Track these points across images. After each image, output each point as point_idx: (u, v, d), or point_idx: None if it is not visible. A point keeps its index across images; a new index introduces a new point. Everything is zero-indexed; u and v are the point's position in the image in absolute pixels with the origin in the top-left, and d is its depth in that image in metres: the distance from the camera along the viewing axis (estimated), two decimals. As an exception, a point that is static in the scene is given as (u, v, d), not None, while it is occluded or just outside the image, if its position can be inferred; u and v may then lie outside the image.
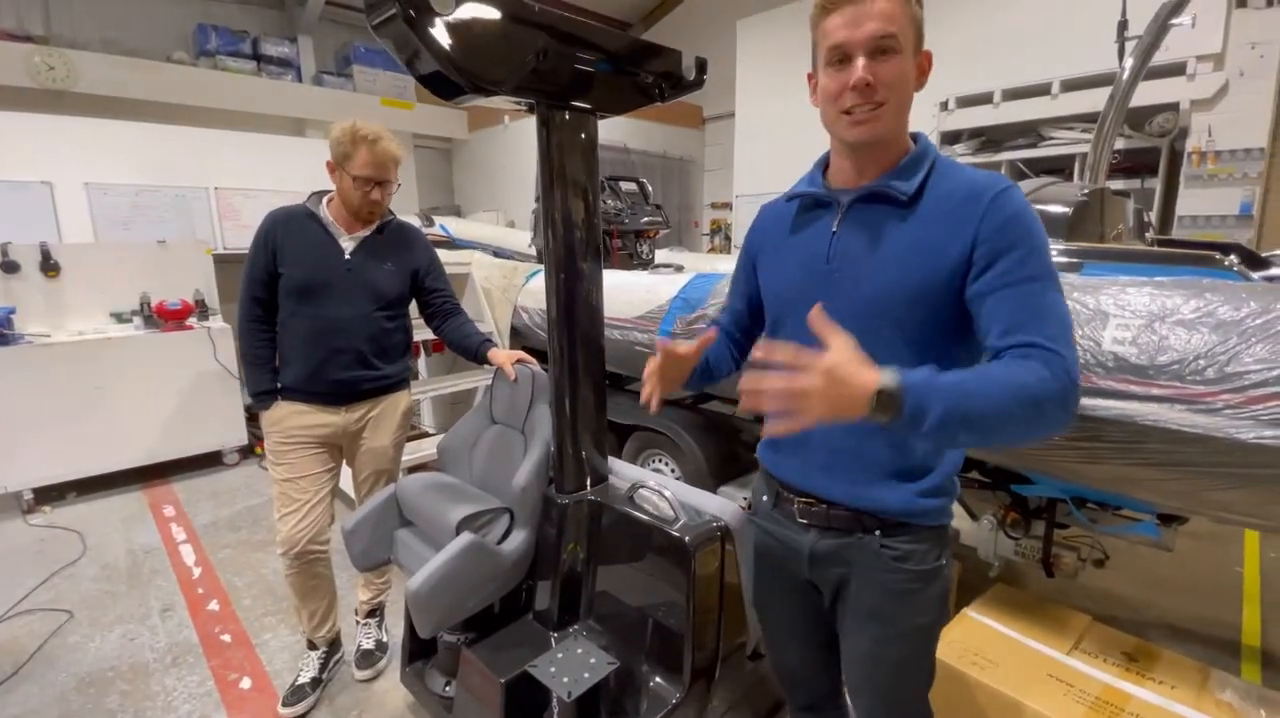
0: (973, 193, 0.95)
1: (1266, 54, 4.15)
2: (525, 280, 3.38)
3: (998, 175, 0.98)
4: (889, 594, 1.06)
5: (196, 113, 6.25)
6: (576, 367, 1.69)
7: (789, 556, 1.17)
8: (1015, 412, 0.81)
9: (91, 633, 2.39)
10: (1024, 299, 0.90)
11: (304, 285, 1.87)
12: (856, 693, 1.18)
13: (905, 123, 1.02)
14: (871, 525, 1.05)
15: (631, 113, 1.74)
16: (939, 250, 0.95)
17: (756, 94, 6.84)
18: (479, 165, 8.77)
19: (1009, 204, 0.93)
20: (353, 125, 1.82)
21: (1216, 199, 4.56)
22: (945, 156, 1.04)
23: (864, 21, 0.93)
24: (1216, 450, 1.31)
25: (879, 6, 0.93)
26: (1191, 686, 1.63)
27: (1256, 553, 2.94)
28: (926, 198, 0.99)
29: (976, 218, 0.93)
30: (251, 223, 6.72)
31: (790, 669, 1.33)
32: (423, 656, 1.94)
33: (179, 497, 3.67)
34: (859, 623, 1.11)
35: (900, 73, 0.95)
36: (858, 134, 0.99)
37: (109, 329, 3.80)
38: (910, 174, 1.00)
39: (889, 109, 0.96)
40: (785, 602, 1.24)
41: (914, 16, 0.96)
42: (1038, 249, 0.92)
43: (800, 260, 1.10)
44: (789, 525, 1.16)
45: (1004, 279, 0.91)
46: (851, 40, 0.93)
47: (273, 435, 1.94)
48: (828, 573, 1.12)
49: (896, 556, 1.05)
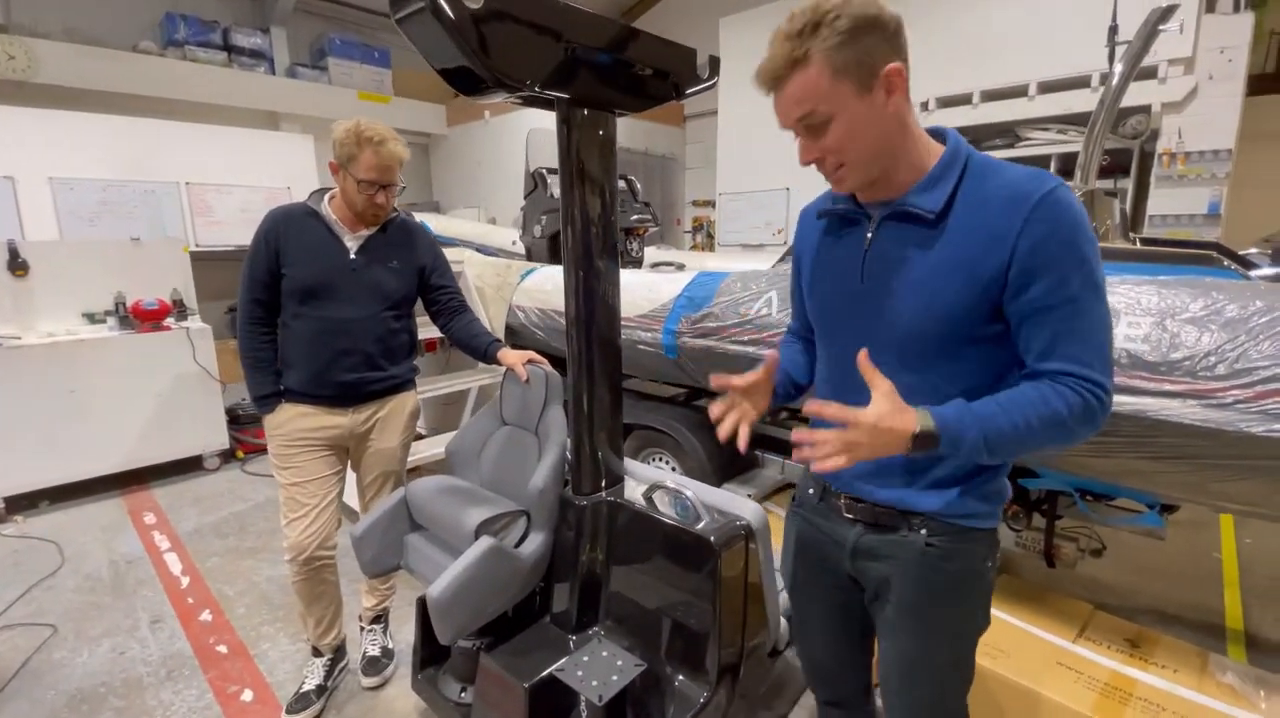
0: (1010, 201, 0.91)
1: (1234, 58, 4.31)
2: (520, 279, 3.34)
3: (1040, 176, 0.92)
4: (932, 593, 1.06)
5: (165, 105, 6.04)
6: (594, 367, 1.67)
7: (832, 548, 1.17)
8: (1045, 435, 0.90)
9: (78, 647, 2.30)
10: (1060, 323, 0.90)
11: (308, 286, 1.82)
12: (893, 693, 1.15)
13: (896, 150, 0.97)
14: (917, 524, 1.05)
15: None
16: (970, 271, 0.93)
17: (739, 92, 6.86)
18: (459, 161, 8.64)
19: (1048, 215, 0.88)
20: (357, 126, 1.75)
21: (1186, 199, 4.72)
22: (983, 156, 0.99)
23: (786, 108, 0.95)
24: (1226, 443, 1.35)
25: (789, 91, 0.92)
26: (1193, 669, 1.69)
27: (1233, 539, 3.06)
28: (957, 210, 0.95)
29: (1013, 234, 0.89)
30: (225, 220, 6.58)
31: (820, 662, 1.33)
32: (434, 662, 1.91)
33: (159, 503, 3.54)
34: (900, 622, 1.10)
35: (844, 135, 0.93)
36: (842, 190, 1.03)
37: (81, 330, 3.65)
38: (935, 187, 0.96)
39: (850, 168, 0.97)
40: (823, 594, 1.24)
41: (839, 68, 0.89)
42: (1078, 264, 0.89)
43: (836, 277, 1.10)
44: (834, 518, 1.16)
45: (1040, 303, 0.90)
46: (786, 125, 0.97)
47: (277, 439, 1.88)
48: (870, 568, 1.12)
49: (941, 554, 1.04)
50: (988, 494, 1.04)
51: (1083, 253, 0.89)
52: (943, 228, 0.96)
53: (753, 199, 6.79)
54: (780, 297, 2.20)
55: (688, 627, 1.56)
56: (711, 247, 7.99)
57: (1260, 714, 1.50)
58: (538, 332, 3.13)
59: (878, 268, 1.02)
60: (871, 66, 0.89)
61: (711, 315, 2.36)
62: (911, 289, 0.98)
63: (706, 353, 2.37)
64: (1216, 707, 1.53)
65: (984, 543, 1.07)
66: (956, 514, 1.03)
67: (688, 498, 1.64)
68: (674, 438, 2.80)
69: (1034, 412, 0.89)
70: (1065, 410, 0.88)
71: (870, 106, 0.91)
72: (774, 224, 6.63)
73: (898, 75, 0.91)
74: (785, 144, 1.05)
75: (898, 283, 0.99)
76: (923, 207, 0.96)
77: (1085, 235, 0.90)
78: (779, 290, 2.22)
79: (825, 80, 0.89)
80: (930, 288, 0.96)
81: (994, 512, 1.06)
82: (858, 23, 0.87)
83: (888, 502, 1.07)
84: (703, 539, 1.51)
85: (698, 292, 2.48)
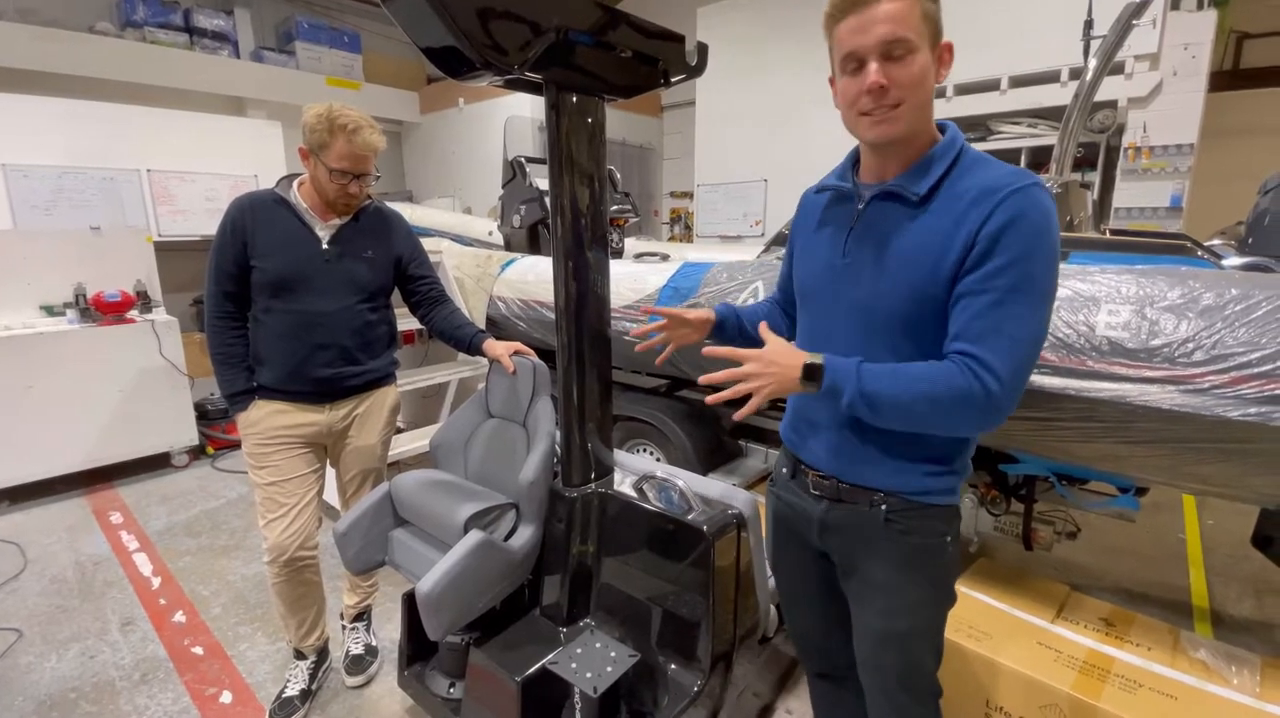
0: (983, 194, 0.95)
1: (1198, 54, 4.43)
2: (500, 270, 3.29)
3: (1018, 175, 0.96)
4: (894, 566, 1.11)
5: (124, 89, 5.81)
6: (584, 358, 1.65)
7: (803, 524, 1.23)
8: (921, 410, 0.96)
9: (46, 652, 2.21)
10: (984, 309, 0.93)
11: (280, 279, 1.75)
12: (866, 665, 1.20)
13: (928, 118, 1.02)
14: (878, 500, 1.10)
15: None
16: (941, 252, 0.97)
17: (718, 82, 6.83)
18: (432, 150, 8.48)
19: (1013, 207, 0.92)
20: (329, 111, 1.67)
21: (1149, 192, 4.86)
22: (975, 152, 1.02)
23: (872, 27, 0.93)
24: (1203, 427, 1.39)
25: (885, 9, 0.92)
26: (1165, 647, 1.75)
27: (1196, 521, 3.18)
28: (940, 196, 0.99)
29: (979, 219, 0.93)
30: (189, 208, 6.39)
31: (807, 636, 1.39)
32: (421, 658, 1.88)
33: (126, 502, 3.43)
34: (868, 596, 1.15)
35: (916, 72, 0.95)
36: (876, 134, 1.01)
37: (39, 323, 3.50)
38: (925, 172, 1.00)
39: (906, 109, 0.97)
40: (803, 569, 1.30)
41: (927, 13, 0.95)
42: (1025, 258, 0.91)
43: (821, 251, 1.14)
44: (803, 496, 1.21)
45: (975, 285, 0.94)
46: (863, 46, 0.95)
47: (252, 438, 1.82)
48: (836, 542, 1.18)
49: (902, 529, 1.09)
50: (945, 473, 1.09)
51: (1032, 248, 0.91)
52: (923, 211, 1.00)
53: (731, 190, 6.80)
54: (767, 286, 2.20)
55: (680, 616, 1.56)
56: (690, 238, 7.98)
57: (1232, 688, 1.56)
58: (520, 323, 3.09)
59: (858, 244, 1.07)
60: (937, 33, 0.96)
61: (697, 306, 2.35)
62: (884, 266, 1.02)
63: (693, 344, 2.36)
64: (1190, 682, 1.59)
65: (942, 518, 1.11)
66: (915, 491, 1.08)
67: (679, 488, 1.63)
68: (659, 429, 2.79)
69: (915, 383, 0.95)
70: (945, 387, 0.93)
71: (930, 66, 0.96)
72: (752, 215, 6.65)
73: (948, 50, 0.98)
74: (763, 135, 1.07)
75: (874, 259, 1.04)
76: (910, 188, 1.00)
77: (1043, 233, 0.92)
78: (765, 280, 2.23)
79: (916, 18, 0.93)
80: (901, 266, 1.00)
81: (953, 488, 1.11)
82: None
83: (851, 480, 1.13)
84: (696, 529, 1.51)
85: (683, 282, 2.47)
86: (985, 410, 0.93)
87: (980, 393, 0.92)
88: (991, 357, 0.92)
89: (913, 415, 0.97)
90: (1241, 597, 2.53)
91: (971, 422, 0.97)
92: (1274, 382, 1.31)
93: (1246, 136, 6.30)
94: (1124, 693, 1.57)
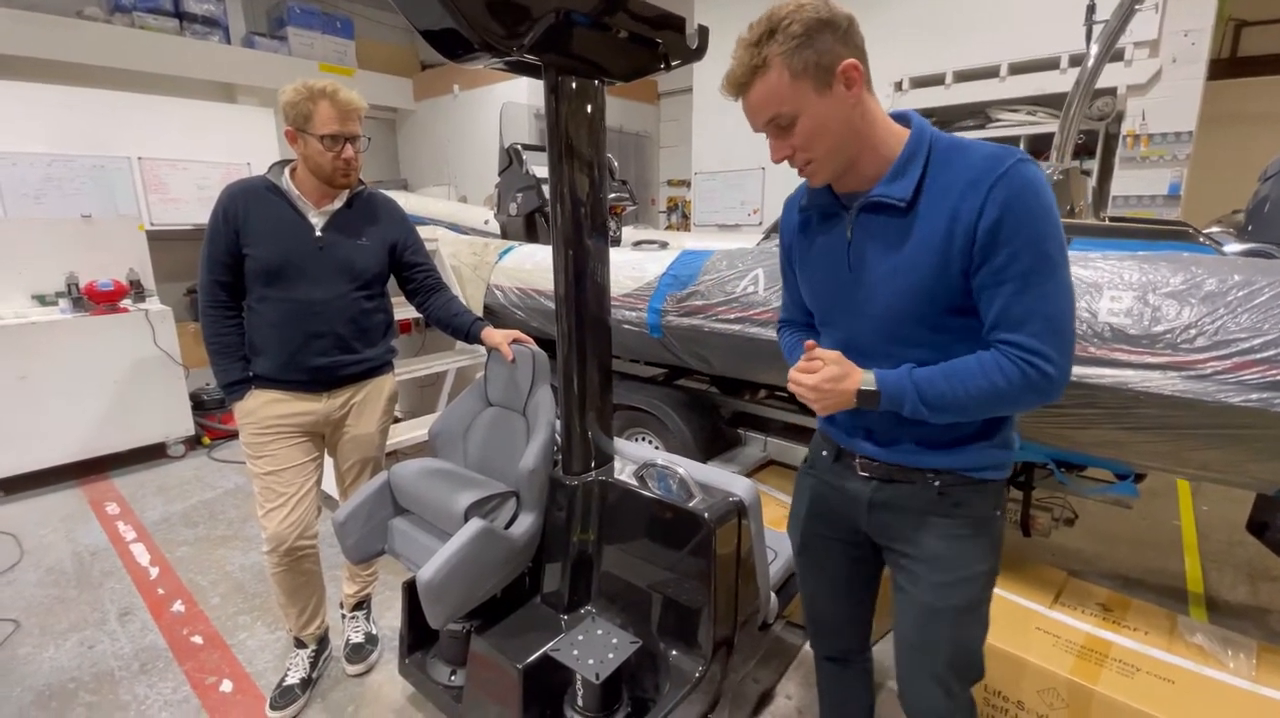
0: (971, 185, 0.94)
1: (1197, 41, 4.40)
2: (498, 258, 3.27)
3: (999, 156, 0.95)
4: (947, 540, 1.10)
5: (113, 75, 5.72)
6: (584, 346, 1.65)
7: (846, 505, 1.21)
8: (985, 401, 0.97)
9: (44, 642, 2.21)
10: (1011, 295, 0.94)
11: (272, 267, 1.72)
12: (910, 646, 1.18)
13: (865, 139, 1.01)
14: (931, 478, 1.10)
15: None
16: (943, 252, 0.97)
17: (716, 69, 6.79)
18: (427, 137, 8.40)
19: (1003, 195, 0.91)
20: (304, 83, 1.67)
21: (1148, 179, 4.85)
22: (946, 138, 1.01)
23: (752, 112, 1.01)
24: (1204, 413, 1.39)
25: (754, 97, 0.98)
26: (1162, 632, 1.77)
27: (1190, 507, 3.20)
28: (926, 195, 0.99)
29: (973, 214, 0.93)
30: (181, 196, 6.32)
31: (825, 619, 1.39)
32: (421, 646, 1.89)
33: (122, 493, 3.41)
34: (917, 571, 1.13)
35: (809, 132, 0.97)
36: (815, 183, 1.08)
37: (31, 313, 3.46)
38: (902, 176, 1.00)
39: (819, 163, 1.02)
40: (835, 552, 1.28)
41: (797, 70, 0.93)
42: (1036, 238, 0.92)
43: (826, 267, 1.14)
44: (848, 476, 1.20)
45: (993, 278, 0.94)
46: (756, 128, 1.03)
47: (249, 428, 1.80)
48: (885, 520, 1.16)
49: (954, 502, 1.09)
50: (996, 449, 1.09)
51: (1037, 228, 0.92)
52: (914, 214, 1.00)
53: (729, 179, 6.76)
54: (767, 274, 2.19)
55: (682, 603, 1.56)
56: (687, 227, 7.95)
57: (1229, 673, 1.57)
58: (517, 312, 3.07)
59: (860, 257, 1.07)
60: (828, 65, 0.94)
61: (697, 294, 2.34)
62: (892, 274, 1.03)
63: (693, 332, 2.36)
64: (1187, 666, 1.60)
65: (994, 493, 1.12)
66: (970, 467, 1.08)
67: (680, 476, 1.63)
68: (657, 417, 2.79)
69: (972, 381, 0.97)
70: (1002, 381, 0.95)
71: (832, 102, 0.96)
72: (750, 204, 6.62)
73: (854, 70, 0.95)
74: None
75: (879, 269, 1.04)
76: (893, 196, 1.00)
77: (1041, 209, 0.93)
78: (765, 268, 2.21)
79: (785, 83, 0.94)
80: (908, 272, 1.01)
81: (1005, 463, 1.11)
82: (810, 26, 0.92)
83: (900, 462, 1.12)
84: (697, 516, 1.51)
85: (683, 270, 2.45)
86: (1045, 391, 0.96)
87: (1036, 376, 0.94)
88: (1035, 341, 0.93)
89: (974, 410, 1.00)
90: (1236, 583, 2.55)
91: (1034, 402, 0.98)
92: (1276, 367, 1.31)
93: (1244, 125, 6.29)
94: (1122, 677, 1.58)
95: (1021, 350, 0.94)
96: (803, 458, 1.35)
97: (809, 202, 1.15)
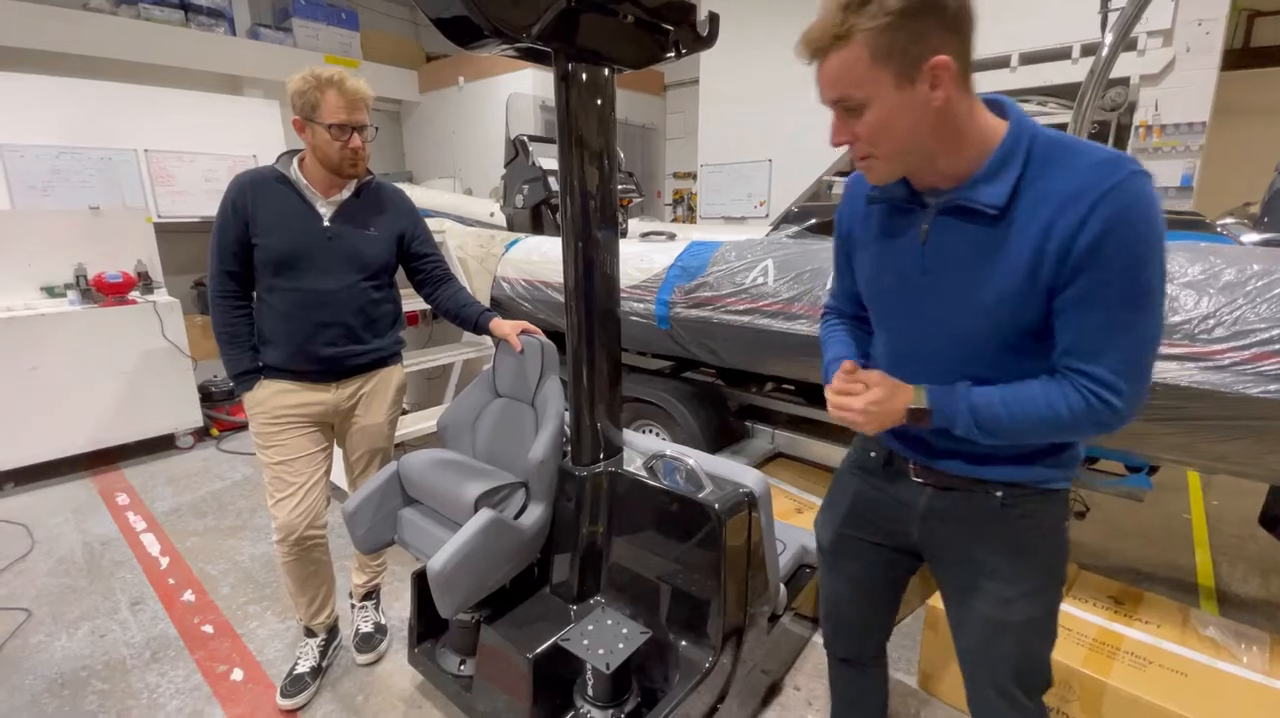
0: (1075, 193, 0.82)
1: (1211, 30, 4.34)
2: (505, 250, 3.26)
3: (1115, 161, 0.82)
4: (1012, 553, 1.03)
5: (119, 67, 5.72)
6: (594, 338, 1.64)
7: (895, 512, 1.13)
8: (1044, 429, 0.91)
9: (55, 631, 2.22)
10: (1094, 326, 0.85)
11: (281, 257, 1.72)
12: (976, 660, 1.11)
13: (941, 144, 0.88)
14: (993, 488, 1.02)
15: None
16: (1032, 269, 0.86)
17: (723, 60, 6.74)
18: (432, 129, 8.38)
19: (1109, 212, 0.80)
20: (311, 71, 1.65)
21: (1160, 171, 4.79)
22: (1049, 135, 0.87)
23: (821, 84, 0.87)
24: (1222, 405, 1.38)
25: (826, 69, 0.85)
26: (1175, 624, 1.75)
27: (1201, 501, 3.18)
28: (1021, 204, 0.87)
29: (1070, 230, 0.82)
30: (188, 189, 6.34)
31: (846, 621, 1.31)
32: (431, 636, 1.89)
33: (132, 484, 3.43)
34: (977, 585, 1.06)
35: (877, 127, 0.86)
36: (871, 180, 0.98)
37: (41, 304, 3.47)
38: (996, 178, 0.88)
39: (882, 159, 0.90)
40: (867, 556, 1.21)
41: (880, 51, 0.80)
42: (1131, 266, 0.82)
43: (893, 266, 1.03)
44: (900, 482, 1.11)
45: (1079, 300, 0.85)
46: (822, 100, 0.89)
47: (258, 417, 1.81)
48: (940, 531, 1.09)
49: (1021, 514, 1.02)
50: (1061, 460, 1.02)
51: (1139, 253, 0.82)
52: (1006, 224, 0.88)
53: (735, 171, 6.72)
54: (777, 265, 2.18)
55: (691, 594, 1.56)
56: (693, 219, 7.93)
57: (1242, 666, 1.56)
58: (524, 304, 3.07)
59: (937, 263, 0.96)
60: (917, 57, 0.81)
61: (706, 285, 2.33)
62: (971, 289, 0.92)
63: (701, 323, 2.35)
64: (1200, 659, 1.59)
65: (1061, 501, 1.05)
66: (1035, 479, 1.01)
67: (690, 467, 1.62)
68: (665, 410, 2.78)
69: (1033, 407, 0.90)
70: (1065, 412, 0.88)
71: (910, 100, 0.83)
72: (756, 196, 6.58)
73: (945, 69, 0.81)
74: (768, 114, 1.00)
75: (957, 281, 0.94)
76: (984, 202, 0.88)
77: (1149, 233, 0.82)
78: (775, 259, 2.20)
79: (863, 65, 0.82)
80: (990, 288, 0.90)
81: (1069, 474, 1.04)
82: (911, 3, 0.78)
83: (959, 473, 1.04)
84: (707, 507, 1.50)
85: (691, 261, 2.44)
86: (1110, 424, 0.89)
87: (1102, 410, 0.87)
88: (1110, 375, 0.85)
89: (1028, 437, 0.94)
90: (1247, 576, 2.53)
91: (1091, 433, 0.93)
92: (1296, 358, 1.29)
93: (1257, 116, 6.21)
94: (1134, 670, 1.57)
95: (1094, 383, 0.86)
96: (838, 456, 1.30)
97: (880, 193, 1.02)
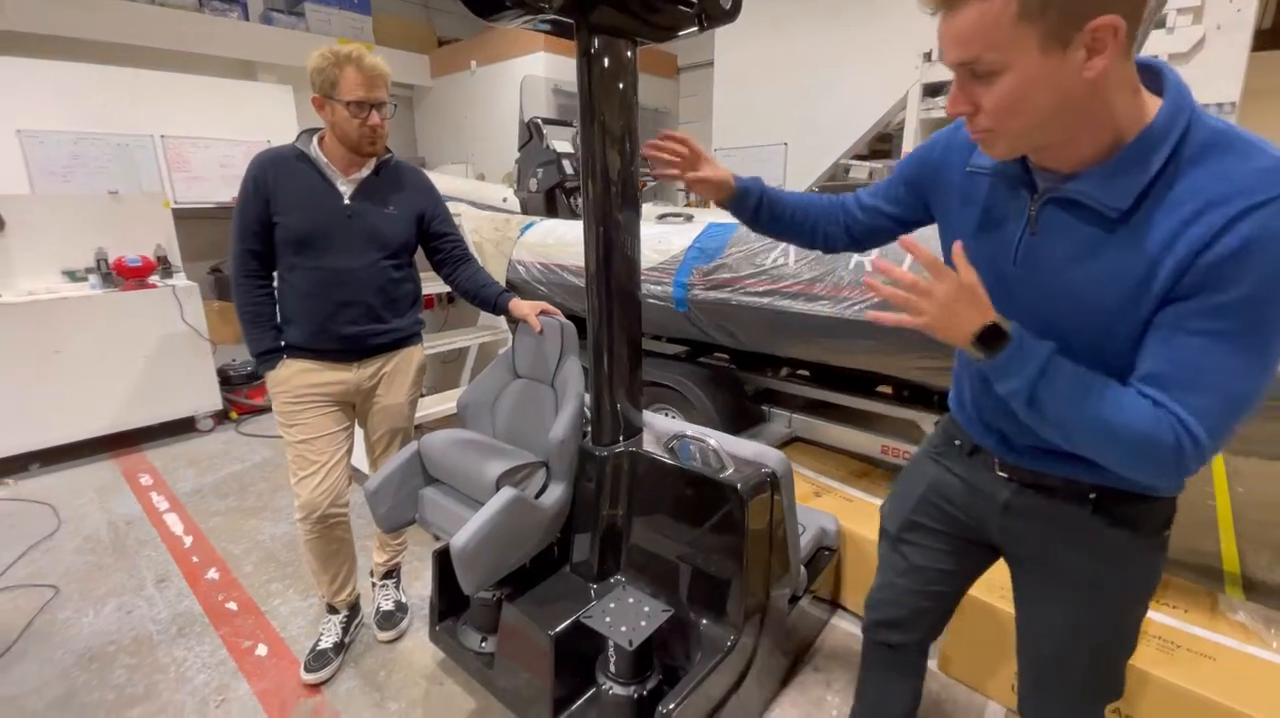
0: (1218, 200, 0.69)
1: (1243, 8, 4.21)
2: (520, 233, 3.25)
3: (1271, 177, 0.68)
4: (1102, 560, 0.95)
5: (135, 53, 5.73)
6: (614, 319, 1.63)
7: (976, 502, 1.07)
8: (1093, 440, 0.78)
9: (83, 607, 2.27)
10: (1195, 354, 0.72)
11: (302, 235, 1.73)
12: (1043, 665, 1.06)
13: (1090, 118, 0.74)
14: (1085, 489, 0.93)
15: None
16: (1144, 281, 0.75)
17: (737, 42, 6.64)
18: (444, 114, 8.35)
19: (1255, 228, 0.67)
20: (329, 49, 1.65)
21: (1187, 153, 4.68)
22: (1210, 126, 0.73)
23: (947, 39, 0.74)
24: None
25: (958, 22, 0.71)
26: (1203, 609, 1.73)
27: (1226, 488, 3.13)
28: (1149, 207, 0.74)
29: (1202, 239, 0.70)
30: (203, 174, 6.35)
31: (895, 605, 1.24)
32: (452, 613, 1.91)
33: (154, 465, 3.48)
34: (1057, 589, 1.00)
35: (1009, 96, 0.72)
36: (988, 154, 0.85)
37: (62, 288, 3.51)
38: (1128, 172, 0.75)
39: (1006, 135, 0.77)
40: (937, 543, 1.16)
41: (1039, 6, 0.67)
42: (1260, 299, 0.68)
43: (984, 248, 0.91)
44: (984, 472, 1.04)
45: (1186, 321, 0.73)
46: (944, 60, 0.76)
47: (281, 396, 1.82)
48: (1023, 529, 1.01)
49: (1113, 521, 0.93)
50: None
51: (1268, 288, 0.68)
52: (1124, 227, 0.76)
53: (750, 154, 6.64)
54: (796, 247, 2.14)
55: (712, 574, 1.56)
56: (707, 203, 7.85)
57: (1272, 651, 1.54)
58: (540, 287, 3.06)
59: (1035, 257, 0.86)
60: (1077, 16, 0.66)
61: (725, 267, 2.31)
62: (1071, 292, 0.83)
63: (719, 305, 2.33)
64: (1230, 644, 1.57)
65: (1165, 508, 0.95)
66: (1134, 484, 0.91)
67: (712, 447, 1.61)
68: (681, 393, 2.77)
69: (1106, 410, 0.75)
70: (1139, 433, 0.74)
71: (1056, 68, 0.69)
72: (773, 180, 6.50)
73: (1110, 33, 0.66)
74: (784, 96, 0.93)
75: (1058, 281, 0.84)
76: (1103, 201, 0.76)
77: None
78: (795, 239, 2.17)
79: (1006, 21, 0.68)
80: (1092, 296, 0.80)
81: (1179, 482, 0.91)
82: None
83: (1049, 470, 0.96)
84: (729, 487, 1.49)
85: (709, 243, 2.42)
86: (1164, 471, 0.75)
87: (1170, 452, 0.73)
88: (1193, 417, 0.72)
89: (1074, 438, 0.80)
90: (1273, 563, 2.49)
91: (1142, 473, 0.79)
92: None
93: (1287, 97, 6.03)
94: (1161, 653, 1.55)
95: (1178, 422, 0.73)
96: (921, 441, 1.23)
97: (990, 166, 0.90)
